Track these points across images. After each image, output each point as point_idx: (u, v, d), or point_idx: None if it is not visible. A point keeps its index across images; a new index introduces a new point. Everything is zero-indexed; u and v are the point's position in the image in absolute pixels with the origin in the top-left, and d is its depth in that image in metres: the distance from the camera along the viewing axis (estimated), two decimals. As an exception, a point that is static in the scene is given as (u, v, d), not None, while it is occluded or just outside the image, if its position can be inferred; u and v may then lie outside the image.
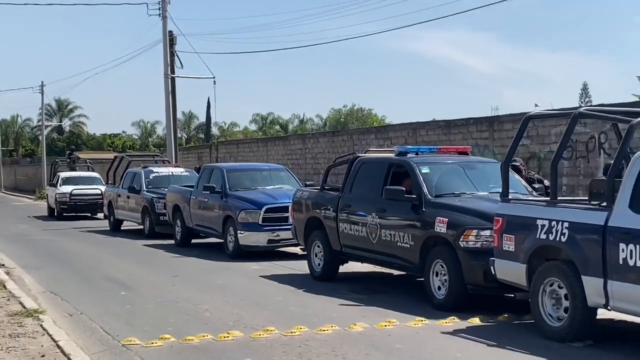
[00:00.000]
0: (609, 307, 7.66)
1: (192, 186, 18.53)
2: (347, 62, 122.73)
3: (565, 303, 8.00)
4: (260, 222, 15.30)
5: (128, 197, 22.20)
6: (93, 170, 33.67)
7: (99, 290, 11.91)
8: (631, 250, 7.22)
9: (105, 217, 25.03)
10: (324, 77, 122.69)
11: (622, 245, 7.31)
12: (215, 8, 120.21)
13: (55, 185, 30.01)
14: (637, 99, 17.37)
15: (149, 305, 10.52)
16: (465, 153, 12.34)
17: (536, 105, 47.09)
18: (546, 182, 11.81)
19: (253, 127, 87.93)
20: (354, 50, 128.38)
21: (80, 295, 11.38)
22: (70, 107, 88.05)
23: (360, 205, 11.63)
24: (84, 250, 18.06)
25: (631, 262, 7.21)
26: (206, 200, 17.08)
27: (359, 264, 12.46)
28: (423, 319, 9.12)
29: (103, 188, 27.36)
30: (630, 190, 7.46)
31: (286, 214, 14.65)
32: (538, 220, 8.33)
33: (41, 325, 8.70)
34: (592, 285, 7.64)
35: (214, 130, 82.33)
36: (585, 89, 78.69)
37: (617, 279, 7.39)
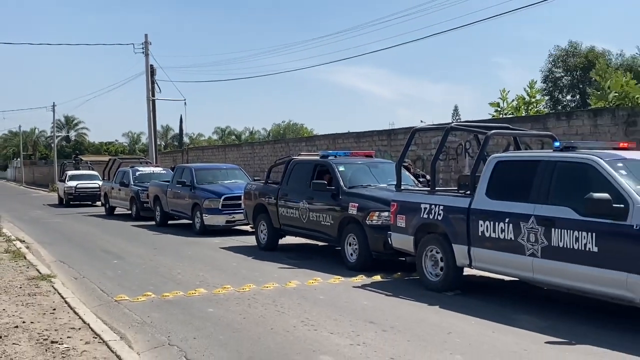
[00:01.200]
0: (472, 266, 7.82)
1: (168, 181, 18.28)
2: (286, 88, 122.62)
3: (441, 264, 8.15)
4: (220, 208, 15.17)
5: (119, 189, 21.80)
6: (93, 170, 32.83)
7: (97, 260, 11.61)
8: (487, 225, 7.38)
9: (102, 204, 24.42)
10: (269, 99, 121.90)
11: (480, 222, 7.47)
12: (187, 46, 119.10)
13: (63, 181, 29.26)
14: (491, 117, 17.79)
15: (135, 271, 10.31)
16: (370, 156, 12.45)
17: (421, 121, 47.85)
18: (428, 177, 12.02)
19: (215, 137, 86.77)
20: (292, 79, 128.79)
21: (83, 264, 11.08)
22: (75, 121, 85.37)
23: (294, 195, 11.62)
24: (86, 229, 17.57)
25: (487, 234, 7.38)
26: (179, 191, 16.83)
27: (294, 237, 12.46)
28: (340, 277, 9.18)
29: (100, 183, 26.74)
30: (486, 182, 7.62)
31: (239, 202, 14.52)
32: (422, 205, 8.44)
33: (53, 286, 8.49)
34: (460, 251, 7.81)
35: (185, 139, 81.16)
36: (456, 109, 79.78)
37: (477, 246, 7.55)
